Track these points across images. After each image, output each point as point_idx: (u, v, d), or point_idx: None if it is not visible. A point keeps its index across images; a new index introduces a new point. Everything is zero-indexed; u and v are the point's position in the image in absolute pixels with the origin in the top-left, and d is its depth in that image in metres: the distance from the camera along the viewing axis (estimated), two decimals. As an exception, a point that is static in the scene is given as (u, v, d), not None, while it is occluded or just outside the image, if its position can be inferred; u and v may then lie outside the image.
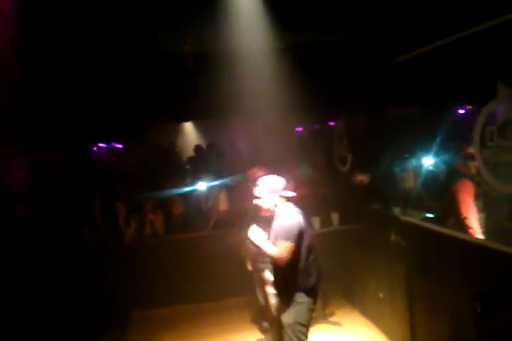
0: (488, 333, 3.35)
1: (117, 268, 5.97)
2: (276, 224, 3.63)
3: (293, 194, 3.74)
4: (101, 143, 10.40)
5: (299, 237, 3.57)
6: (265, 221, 3.75)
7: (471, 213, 4.24)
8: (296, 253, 3.57)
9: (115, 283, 5.90)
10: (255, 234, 3.66)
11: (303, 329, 3.66)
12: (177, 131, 10.75)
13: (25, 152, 6.71)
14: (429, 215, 4.78)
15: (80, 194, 6.75)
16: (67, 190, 6.74)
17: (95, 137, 9.30)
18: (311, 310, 3.72)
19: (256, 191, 3.68)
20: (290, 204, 3.71)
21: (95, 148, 10.17)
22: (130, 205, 6.58)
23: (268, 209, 3.68)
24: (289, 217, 3.60)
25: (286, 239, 3.50)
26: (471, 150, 4.21)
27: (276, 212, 3.67)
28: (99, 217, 6.48)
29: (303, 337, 3.67)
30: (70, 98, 6.94)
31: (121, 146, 10.88)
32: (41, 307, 5.15)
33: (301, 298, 3.63)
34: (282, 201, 3.68)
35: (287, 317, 3.67)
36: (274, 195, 3.65)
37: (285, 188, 3.71)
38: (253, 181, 4.94)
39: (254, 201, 3.70)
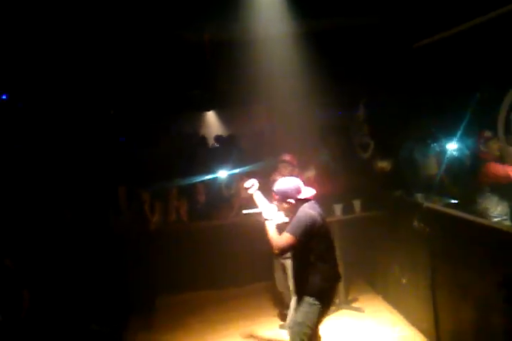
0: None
1: (143, 254, 6.08)
2: (292, 220, 3.59)
3: (310, 194, 3.68)
4: (125, 132, 10.51)
5: (310, 237, 3.50)
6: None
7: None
8: (310, 252, 3.54)
9: (142, 268, 6.02)
10: (270, 213, 3.63)
11: (308, 331, 3.60)
12: (200, 121, 10.80)
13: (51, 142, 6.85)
14: (453, 201, 4.73)
15: (106, 181, 6.86)
16: (92, 178, 6.87)
17: (120, 127, 9.41)
18: (324, 313, 3.66)
19: (273, 196, 3.67)
20: (310, 203, 3.65)
21: (120, 137, 10.29)
22: (154, 192, 6.67)
23: (289, 211, 3.66)
24: (303, 214, 3.55)
25: (292, 233, 3.45)
26: (489, 133, 4.20)
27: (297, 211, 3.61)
28: (124, 203, 6.58)
29: (305, 339, 3.60)
30: (95, 89, 7.04)
31: (144, 135, 10.98)
32: (68, 292, 5.27)
33: (313, 299, 3.58)
34: (300, 203, 3.63)
35: (297, 316, 3.65)
36: (288, 200, 3.62)
37: (301, 190, 3.65)
38: (282, 164, 5.01)
39: (274, 204, 3.69)
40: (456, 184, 4.96)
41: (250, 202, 6.51)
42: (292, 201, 3.62)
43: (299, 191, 3.65)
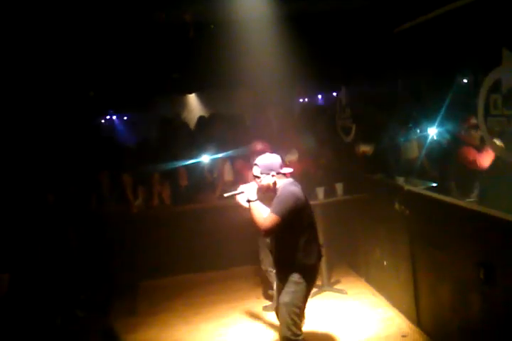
0: (490, 300, 3.40)
1: (126, 239, 6.09)
2: (274, 199, 3.57)
3: (290, 170, 3.69)
4: (107, 115, 10.42)
5: (294, 214, 3.50)
6: (267, 198, 3.74)
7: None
8: (292, 230, 3.54)
9: (125, 253, 6.02)
10: (252, 193, 3.59)
11: (297, 311, 3.60)
12: (182, 103, 10.71)
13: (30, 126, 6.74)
14: (433, 184, 4.79)
15: (88, 165, 6.81)
16: (75, 162, 6.81)
17: (101, 109, 9.31)
18: (309, 291, 3.68)
19: (254, 171, 3.64)
20: (290, 181, 3.65)
21: (102, 120, 10.21)
22: (137, 176, 6.64)
23: (268, 188, 3.62)
24: (286, 193, 3.54)
25: (277, 213, 3.44)
26: (475, 120, 4.22)
27: (278, 189, 3.60)
28: (106, 188, 6.55)
29: (296, 318, 3.60)
30: (74, 70, 6.92)
31: (126, 118, 10.91)
32: (52, 278, 5.26)
33: (298, 277, 3.59)
34: (281, 178, 3.63)
35: (283, 297, 3.63)
36: (271, 173, 3.59)
37: (283, 165, 3.66)
38: (255, 154, 4.98)
39: (253, 181, 3.64)
40: (436, 167, 5.01)
41: (233, 186, 6.55)
42: (275, 173, 3.60)
43: (281, 165, 3.65)
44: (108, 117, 10.76)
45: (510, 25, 3.25)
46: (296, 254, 3.59)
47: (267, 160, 3.64)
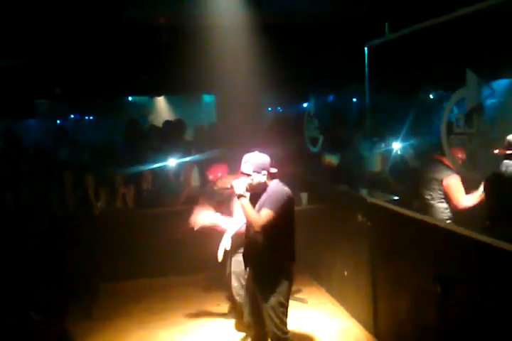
0: (446, 313, 3.48)
1: (86, 241, 5.97)
2: (265, 196, 3.58)
3: (275, 170, 3.71)
4: (72, 114, 10.26)
5: (285, 214, 3.55)
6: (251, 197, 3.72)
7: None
8: (279, 229, 3.55)
9: (83, 255, 5.90)
10: (240, 187, 3.56)
11: (284, 310, 3.64)
12: (150, 105, 10.63)
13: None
14: (395, 197, 4.90)
15: (50, 165, 6.69)
16: (38, 161, 6.68)
17: (66, 108, 9.16)
18: (291, 288, 3.72)
19: (245, 169, 3.61)
20: (278, 181, 3.68)
21: (66, 120, 10.04)
22: (100, 178, 6.54)
23: (258, 186, 3.61)
24: (280, 190, 3.58)
25: (271, 208, 3.46)
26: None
27: (267, 188, 3.61)
28: (68, 187, 6.42)
29: (284, 318, 3.63)
30: (43, 66, 6.81)
31: (92, 118, 10.77)
32: (5, 276, 5.11)
33: (278, 277, 3.61)
34: (269, 178, 3.65)
35: (270, 299, 3.59)
36: (263, 171, 3.59)
37: (271, 165, 3.68)
38: (213, 182, 4.98)
39: (244, 179, 3.61)
40: (398, 181, 5.13)
41: (198, 192, 6.52)
42: (266, 172, 3.60)
43: (271, 164, 3.67)
44: (73, 116, 10.60)
45: (475, 47, 3.37)
46: (279, 253, 3.62)
47: (260, 158, 3.64)
